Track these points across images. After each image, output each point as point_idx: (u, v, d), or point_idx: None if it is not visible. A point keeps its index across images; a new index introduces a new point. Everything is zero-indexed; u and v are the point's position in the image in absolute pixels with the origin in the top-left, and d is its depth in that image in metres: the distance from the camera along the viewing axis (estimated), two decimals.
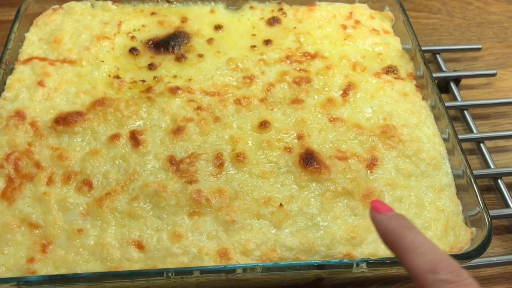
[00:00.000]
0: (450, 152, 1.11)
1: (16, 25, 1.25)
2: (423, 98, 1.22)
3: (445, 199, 1.04)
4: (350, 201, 1.02)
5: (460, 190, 1.07)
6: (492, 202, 1.23)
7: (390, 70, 1.26)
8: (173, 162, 1.05)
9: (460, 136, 1.17)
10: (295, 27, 1.34)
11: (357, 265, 0.90)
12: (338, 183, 1.03)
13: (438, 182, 1.06)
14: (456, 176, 1.08)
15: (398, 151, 1.10)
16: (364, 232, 0.98)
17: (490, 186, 1.26)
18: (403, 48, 1.33)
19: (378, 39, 1.32)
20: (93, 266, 0.93)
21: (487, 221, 0.97)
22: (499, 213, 1.18)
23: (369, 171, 1.07)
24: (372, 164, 1.08)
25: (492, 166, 1.26)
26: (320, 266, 0.90)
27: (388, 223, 0.75)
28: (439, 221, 1.01)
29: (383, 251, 0.96)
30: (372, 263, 0.91)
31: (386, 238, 0.75)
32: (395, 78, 1.25)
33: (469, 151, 1.31)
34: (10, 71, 1.20)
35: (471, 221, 1.02)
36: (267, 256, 0.95)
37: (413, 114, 1.16)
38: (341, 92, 1.20)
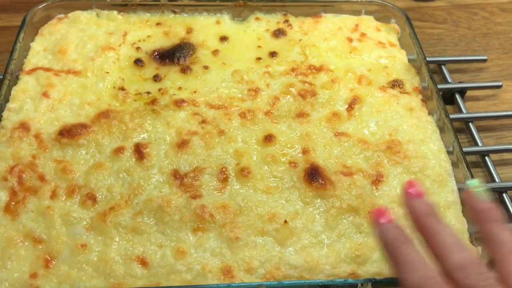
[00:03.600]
0: (454, 165, 1.11)
1: (22, 35, 1.24)
2: (429, 113, 1.21)
3: (451, 217, 1.03)
4: (355, 218, 1.01)
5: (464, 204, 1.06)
6: None
7: (395, 84, 1.26)
8: (177, 176, 1.04)
9: (464, 149, 1.16)
10: (300, 39, 1.33)
11: (362, 285, 0.90)
12: (343, 200, 1.03)
13: (444, 200, 1.06)
14: (460, 190, 1.08)
15: (404, 168, 1.09)
16: (369, 250, 0.97)
17: (495, 200, 1.25)
18: (409, 60, 1.33)
19: (383, 52, 1.32)
20: (97, 283, 0.92)
21: None
22: None
23: (374, 188, 1.06)
24: (377, 180, 1.07)
25: (497, 180, 1.25)
26: (325, 286, 0.89)
27: (386, 234, 0.79)
28: None
29: (389, 270, 0.96)
30: (377, 283, 0.90)
31: (384, 248, 0.79)
32: (400, 92, 1.24)
33: (474, 164, 1.30)
34: (15, 81, 1.19)
35: (476, 238, 1.01)
36: (271, 274, 0.94)
37: (419, 130, 1.16)
38: (347, 106, 1.19)
